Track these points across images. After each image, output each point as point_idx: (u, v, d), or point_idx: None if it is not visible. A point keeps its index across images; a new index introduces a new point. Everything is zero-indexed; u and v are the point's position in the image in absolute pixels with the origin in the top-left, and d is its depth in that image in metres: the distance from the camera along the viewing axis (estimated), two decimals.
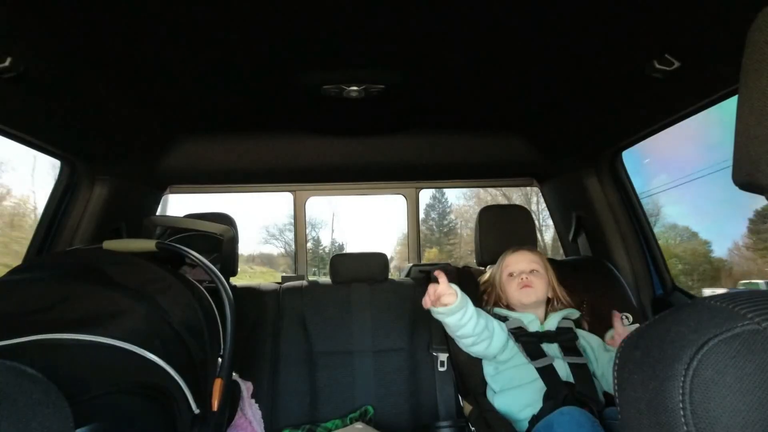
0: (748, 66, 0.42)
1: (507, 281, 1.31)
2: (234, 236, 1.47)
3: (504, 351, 1.20)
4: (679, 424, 0.33)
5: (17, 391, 0.47)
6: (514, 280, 1.29)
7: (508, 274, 1.31)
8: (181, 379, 0.80)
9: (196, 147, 1.68)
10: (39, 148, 1.32)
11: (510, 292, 1.30)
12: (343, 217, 5.59)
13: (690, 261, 3.62)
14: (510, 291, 1.30)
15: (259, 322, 1.55)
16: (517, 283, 1.28)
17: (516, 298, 1.28)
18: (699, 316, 0.37)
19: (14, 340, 0.69)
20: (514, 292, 1.28)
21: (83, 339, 0.72)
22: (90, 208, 1.56)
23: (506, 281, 1.31)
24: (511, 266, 1.32)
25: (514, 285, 1.28)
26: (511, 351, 1.20)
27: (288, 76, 1.19)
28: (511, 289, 1.29)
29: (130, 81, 1.19)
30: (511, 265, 1.32)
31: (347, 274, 1.65)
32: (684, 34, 0.94)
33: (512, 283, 1.29)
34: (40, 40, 0.94)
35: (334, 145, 1.73)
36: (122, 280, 0.88)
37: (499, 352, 1.20)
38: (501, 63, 1.14)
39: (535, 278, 1.28)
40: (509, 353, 1.20)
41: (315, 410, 1.49)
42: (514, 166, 1.88)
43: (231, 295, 0.97)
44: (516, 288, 1.28)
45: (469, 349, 1.21)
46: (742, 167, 0.43)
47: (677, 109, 1.23)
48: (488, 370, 1.25)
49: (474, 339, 1.16)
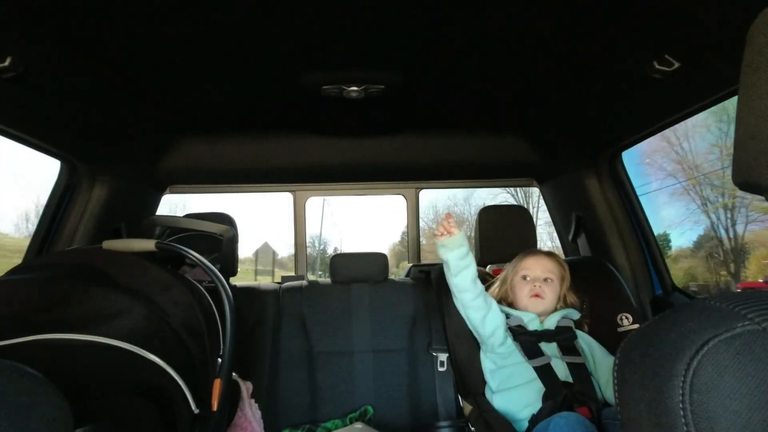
0: (748, 67, 0.42)
1: (519, 284, 1.29)
2: (234, 236, 1.46)
3: (501, 341, 1.20)
4: (679, 424, 0.33)
5: (17, 391, 0.47)
6: (527, 285, 1.27)
7: (521, 277, 1.29)
8: (181, 379, 0.80)
9: (196, 147, 1.68)
10: (39, 148, 1.32)
11: (520, 295, 1.28)
12: (332, 217, 5.54)
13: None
14: (520, 294, 1.28)
15: (259, 322, 1.55)
16: (529, 289, 1.26)
17: (524, 304, 1.27)
18: (699, 316, 0.37)
19: (14, 340, 0.69)
20: (523, 297, 1.27)
21: (83, 339, 0.72)
22: (90, 208, 1.56)
23: (518, 283, 1.29)
24: (526, 270, 1.29)
25: (526, 290, 1.27)
26: (509, 347, 1.20)
27: (288, 77, 1.19)
28: (521, 293, 1.28)
29: (130, 81, 1.19)
30: (527, 268, 1.29)
31: (347, 274, 1.65)
32: (683, 34, 0.94)
33: (524, 287, 1.28)
34: (40, 40, 0.94)
35: (333, 146, 1.73)
36: (122, 281, 0.88)
37: (493, 332, 1.21)
38: (500, 63, 1.14)
39: (548, 288, 1.26)
40: (507, 348, 1.20)
41: (315, 410, 1.49)
42: (514, 167, 1.88)
43: (231, 295, 0.97)
44: (526, 294, 1.27)
45: (467, 311, 1.23)
46: (742, 168, 0.43)
47: (677, 109, 1.23)
48: (487, 364, 1.25)
49: (472, 295, 1.20)
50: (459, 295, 1.23)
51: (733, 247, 3.44)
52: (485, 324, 1.21)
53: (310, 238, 5.31)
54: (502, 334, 1.21)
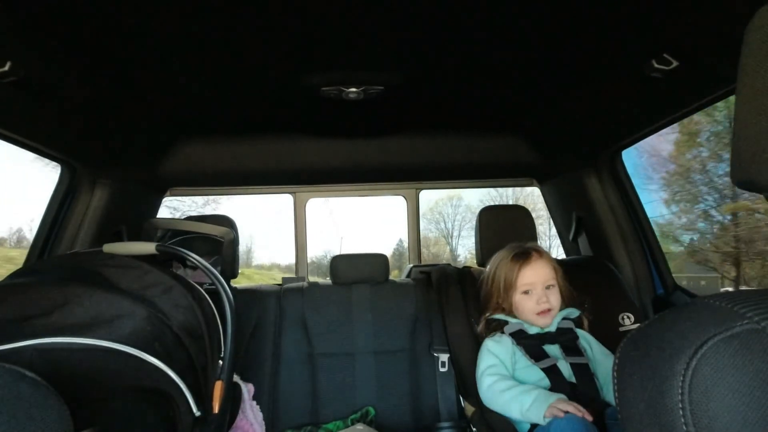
0: (746, 65, 0.42)
1: (522, 300, 1.22)
2: (234, 238, 1.47)
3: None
4: (678, 423, 0.33)
5: (16, 395, 0.47)
6: (531, 299, 1.21)
7: (523, 292, 1.22)
8: (182, 381, 0.80)
9: (196, 150, 1.69)
10: (39, 152, 1.32)
11: (524, 311, 1.22)
12: (331, 215, 5.50)
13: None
14: (524, 310, 1.22)
15: (260, 324, 1.55)
16: (535, 304, 1.20)
17: (531, 320, 1.21)
18: (698, 315, 0.37)
19: (15, 344, 0.69)
20: (529, 314, 1.21)
21: (84, 342, 0.72)
22: (91, 211, 1.56)
23: (521, 300, 1.22)
24: (527, 285, 1.21)
25: (531, 305, 1.20)
26: (514, 356, 1.20)
27: (287, 79, 1.19)
28: (525, 308, 1.21)
29: (130, 85, 1.19)
30: (528, 283, 1.21)
31: (348, 275, 1.65)
32: (682, 33, 0.94)
33: (527, 302, 1.21)
34: (40, 44, 0.95)
35: (333, 147, 1.73)
36: (123, 284, 0.88)
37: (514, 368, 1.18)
38: (500, 63, 1.14)
39: (552, 296, 1.21)
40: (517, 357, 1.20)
41: (316, 411, 1.48)
42: (514, 167, 1.88)
43: (231, 297, 0.97)
44: (532, 311, 1.20)
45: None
46: (741, 166, 0.43)
47: (676, 108, 1.23)
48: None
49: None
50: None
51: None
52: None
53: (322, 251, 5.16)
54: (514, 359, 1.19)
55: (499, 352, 1.19)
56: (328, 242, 5.98)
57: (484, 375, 1.17)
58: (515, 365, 1.19)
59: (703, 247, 3.46)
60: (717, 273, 3.44)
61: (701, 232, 3.53)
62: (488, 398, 1.15)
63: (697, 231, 3.55)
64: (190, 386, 0.83)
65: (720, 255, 3.37)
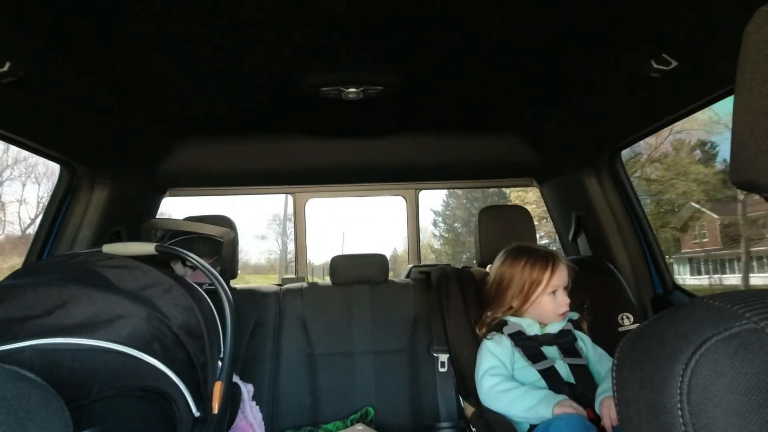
0: (744, 66, 0.42)
1: (546, 299, 1.21)
2: (234, 239, 1.47)
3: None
4: (677, 424, 0.33)
5: (16, 396, 0.47)
6: (553, 301, 1.20)
7: (551, 292, 1.21)
8: (181, 382, 0.80)
9: (196, 150, 1.69)
10: (39, 152, 1.32)
11: (547, 312, 1.21)
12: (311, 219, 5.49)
13: None
14: (547, 310, 1.21)
15: (259, 324, 1.55)
16: (556, 306, 1.20)
17: (549, 319, 1.22)
18: (697, 315, 0.37)
19: (14, 345, 0.69)
20: (550, 314, 1.21)
21: (83, 343, 0.73)
22: (90, 211, 1.56)
23: (547, 300, 1.21)
24: (556, 285, 1.21)
25: (553, 306, 1.20)
26: (513, 357, 1.20)
27: (287, 79, 1.19)
28: (547, 308, 1.21)
29: (129, 84, 1.19)
30: (555, 284, 1.21)
31: (347, 276, 1.65)
32: (681, 33, 0.94)
33: (550, 303, 1.20)
34: (40, 44, 0.95)
35: (333, 147, 1.73)
36: (122, 284, 0.88)
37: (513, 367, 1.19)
38: (499, 63, 1.14)
39: (567, 297, 1.22)
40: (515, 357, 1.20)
41: (316, 412, 1.48)
42: (513, 167, 1.88)
43: (231, 297, 0.97)
44: (554, 311, 1.20)
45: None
46: (739, 167, 0.43)
47: (675, 108, 1.23)
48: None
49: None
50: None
51: None
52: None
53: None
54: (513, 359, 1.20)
55: (500, 353, 1.20)
56: (329, 243, 6.00)
57: (486, 376, 1.17)
58: (513, 365, 1.19)
59: None
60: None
61: None
62: (489, 399, 1.15)
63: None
64: (190, 386, 0.83)
65: None
